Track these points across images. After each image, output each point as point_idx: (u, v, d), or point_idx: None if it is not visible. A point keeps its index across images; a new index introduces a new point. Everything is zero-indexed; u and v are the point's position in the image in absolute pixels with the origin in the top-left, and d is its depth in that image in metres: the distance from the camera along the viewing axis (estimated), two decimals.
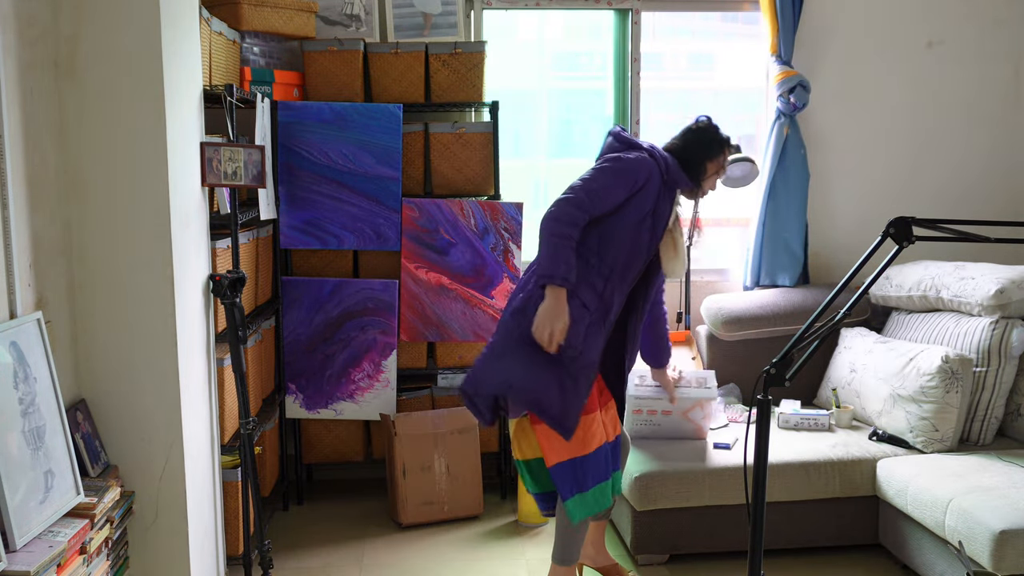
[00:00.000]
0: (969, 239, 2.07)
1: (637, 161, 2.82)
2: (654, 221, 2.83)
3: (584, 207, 2.71)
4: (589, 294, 2.76)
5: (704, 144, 2.96)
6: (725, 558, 3.42)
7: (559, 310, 2.67)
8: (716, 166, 2.98)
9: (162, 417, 2.61)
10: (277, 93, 3.81)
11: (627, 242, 2.79)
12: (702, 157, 2.95)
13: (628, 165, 2.80)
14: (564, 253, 2.67)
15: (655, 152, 2.91)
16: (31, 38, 2.34)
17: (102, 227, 2.54)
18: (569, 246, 2.68)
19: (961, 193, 4.51)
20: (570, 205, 2.71)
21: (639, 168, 2.81)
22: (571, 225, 2.68)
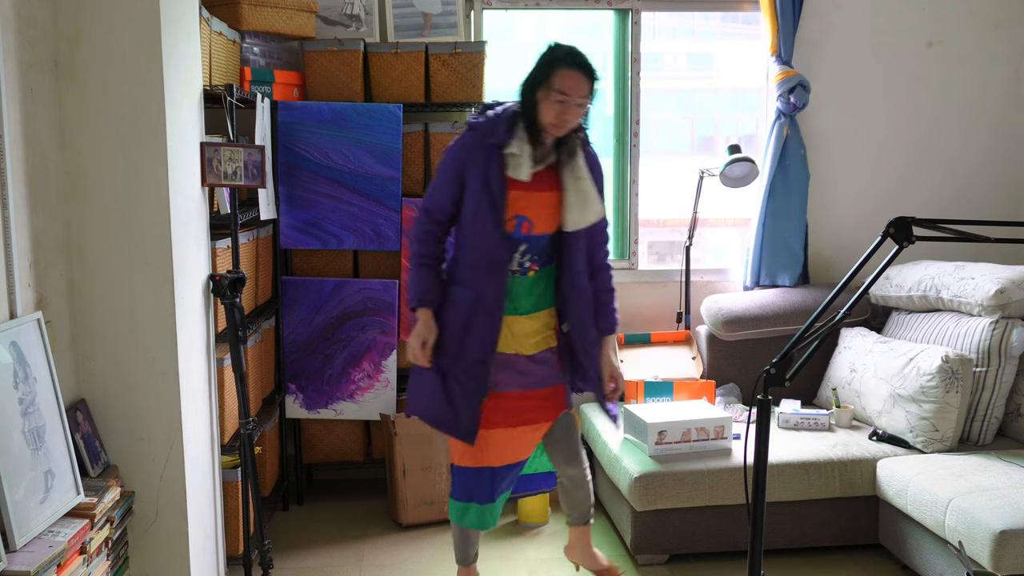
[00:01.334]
0: (969, 239, 2.07)
1: (452, 147, 2.72)
2: (490, 195, 2.63)
3: (424, 220, 2.74)
4: (461, 291, 2.73)
5: (531, 75, 2.65)
6: (725, 558, 3.42)
7: (420, 330, 2.72)
8: (547, 93, 2.60)
9: (162, 417, 2.61)
10: (277, 93, 3.81)
11: (476, 229, 2.67)
12: (530, 89, 2.64)
13: (445, 157, 2.72)
14: (416, 274, 2.73)
15: (488, 115, 2.71)
16: (31, 38, 2.34)
17: (102, 227, 2.54)
18: (421, 264, 2.72)
19: (961, 193, 4.51)
20: (417, 223, 2.76)
21: (450, 154, 2.71)
22: (419, 243, 2.73)
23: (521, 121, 2.66)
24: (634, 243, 4.44)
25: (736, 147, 4.15)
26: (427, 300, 2.71)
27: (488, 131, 2.65)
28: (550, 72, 2.59)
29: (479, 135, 2.66)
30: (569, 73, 2.58)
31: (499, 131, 2.64)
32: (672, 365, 4.09)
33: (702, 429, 3.43)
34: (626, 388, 3.93)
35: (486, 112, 2.73)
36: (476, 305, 2.70)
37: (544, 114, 2.61)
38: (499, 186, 2.63)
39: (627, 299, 4.41)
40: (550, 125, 2.62)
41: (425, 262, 2.73)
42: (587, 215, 2.73)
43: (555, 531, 3.74)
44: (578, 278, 2.77)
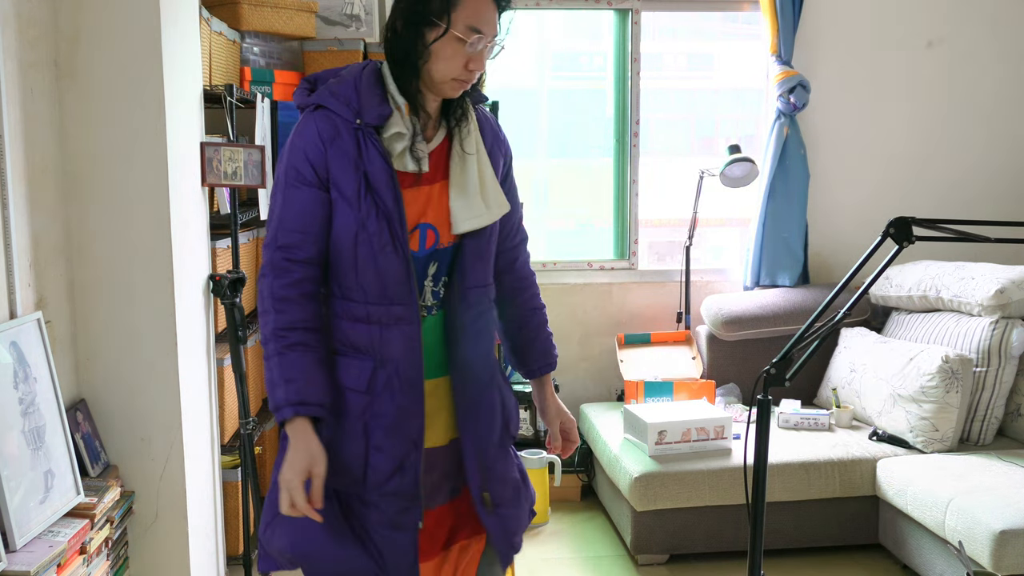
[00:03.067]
0: (969, 239, 2.07)
1: (292, 145, 1.77)
2: (377, 201, 1.72)
3: (279, 269, 1.73)
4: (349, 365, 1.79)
5: (414, 6, 1.72)
6: (725, 558, 3.42)
7: (300, 459, 1.69)
8: (443, 31, 1.70)
9: (162, 417, 2.61)
10: (277, 93, 3.81)
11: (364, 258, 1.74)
12: (412, 29, 1.73)
13: (284, 161, 1.77)
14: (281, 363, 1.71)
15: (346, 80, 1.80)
16: (31, 38, 2.34)
17: (102, 227, 2.53)
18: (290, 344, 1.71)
19: (961, 193, 4.51)
20: (265, 279, 1.74)
21: (292, 155, 1.76)
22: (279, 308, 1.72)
23: (393, 83, 1.77)
24: (634, 243, 4.44)
25: (736, 147, 4.15)
26: (311, 403, 1.71)
27: (346, 106, 1.75)
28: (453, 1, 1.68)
29: (331, 116, 1.75)
30: (482, 3, 1.73)
31: (367, 104, 1.75)
32: (672, 365, 4.09)
33: (702, 429, 3.43)
34: (626, 388, 3.94)
35: (324, 82, 1.83)
36: (380, 382, 1.76)
37: (442, 65, 1.72)
38: (388, 184, 1.73)
39: (627, 299, 4.42)
40: (452, 82, 1.74)
41: (295, 339, 1.71)
42: (486, 208, 1.82)
43: (555, 531, 3.74)
44: (478, 298, 1.86)
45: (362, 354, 1.77)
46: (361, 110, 1.75)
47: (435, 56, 1.72)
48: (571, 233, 4.60)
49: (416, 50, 1.73)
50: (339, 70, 1.85)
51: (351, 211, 1.73)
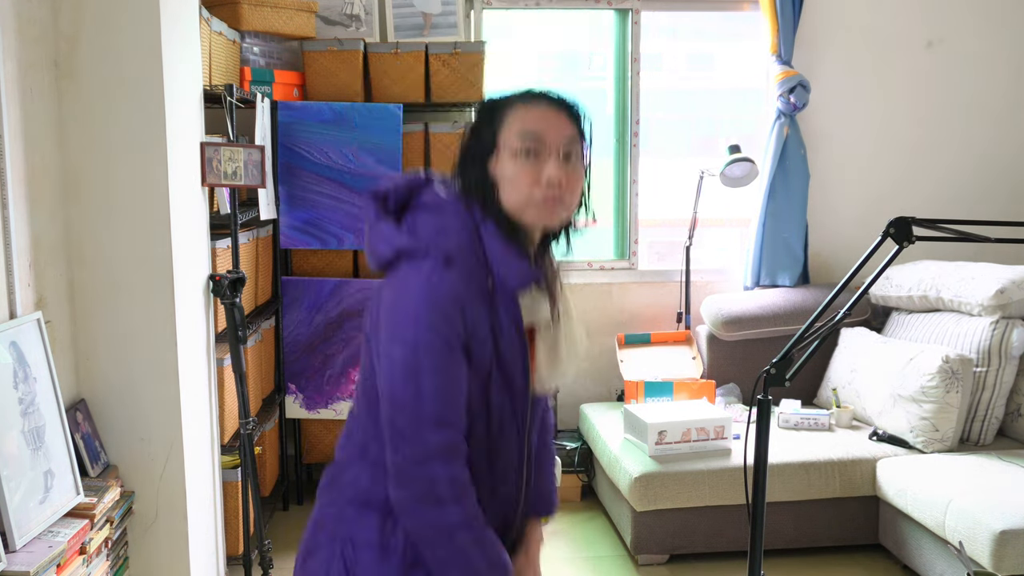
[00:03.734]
0: (969, 239, 2.07)
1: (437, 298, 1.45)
2: (502, 368, 1.53)
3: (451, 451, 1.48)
4: None
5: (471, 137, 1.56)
6: (725, 558, 3.42)
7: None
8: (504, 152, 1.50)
9: (162, 417, 2.61)
10: (277, 93, 3.81)
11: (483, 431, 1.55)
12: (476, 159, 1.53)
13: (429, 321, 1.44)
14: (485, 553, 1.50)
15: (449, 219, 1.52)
16: (31, 38, 2.34)
17: (102, 227, 2.53)
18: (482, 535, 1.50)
19: (961, 193, 4.51)
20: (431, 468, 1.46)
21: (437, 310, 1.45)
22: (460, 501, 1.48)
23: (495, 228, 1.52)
24: (634, 243, 4.44)
25: (736, 147, 4.15)
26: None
27: (482, 264, 1.51)
28: (501, 118, 1.52)
29: (467, 274, 1.49)
30: (525, 107, 1.52)
31: (501, 258, 1.51)
32: (672, 365, 4.09)
33: (702, 429, 3.43)
34: (626, 388, 3.94)
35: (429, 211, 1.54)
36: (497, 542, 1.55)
37: (509, 188, 1.50)
38: (520, 355, 1.55)
39: (627, 299, 4.42)
40: (530, 207, 1.51)
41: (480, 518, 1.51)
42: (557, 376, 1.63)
43: (555, 531, 3.74)
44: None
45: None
46: (492, 263, 1.50)
47: (501, 180, 1.51)
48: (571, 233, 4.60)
49: (486, 184, 1.52)
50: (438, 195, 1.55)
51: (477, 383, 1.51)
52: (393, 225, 1.54)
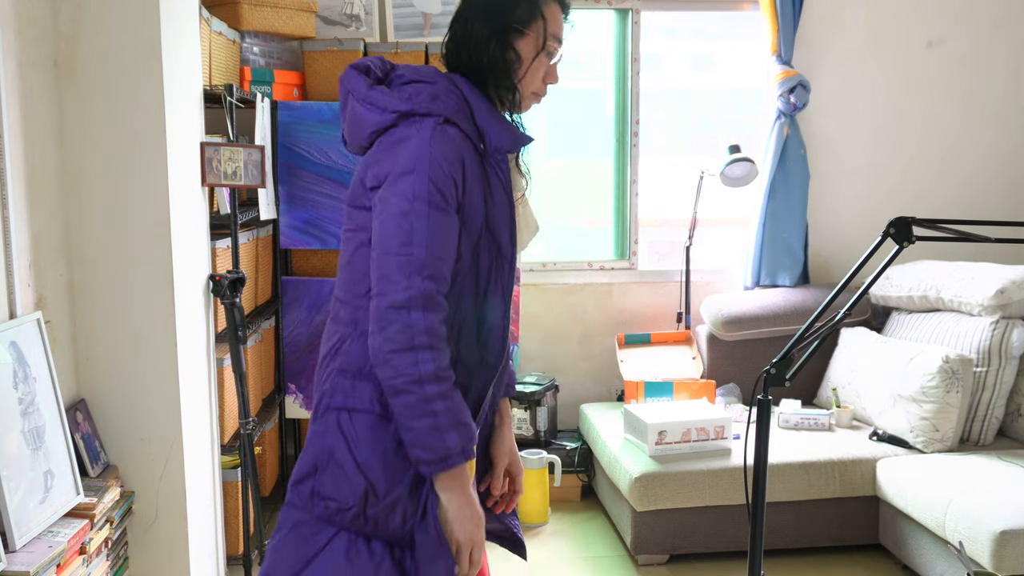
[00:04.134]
0: (969, 239, 2.07)
1: (434, 158, 1.55)
2: (492, 231, 1.64)
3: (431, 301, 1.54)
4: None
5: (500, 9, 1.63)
6: (725, 558, 3.42)
7: (473, 504, 1.61)
8: (536, 40, 1.64)
9: (162, 417, 2.61)
10: (277, 93, 3.81)
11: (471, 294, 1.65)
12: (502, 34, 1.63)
13: (430, 179, 1.54)
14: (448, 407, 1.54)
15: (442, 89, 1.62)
16: (31, 38, 2.34)
17: (102, 227, 2.54)
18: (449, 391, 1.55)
19: (961, 193, 4.51)
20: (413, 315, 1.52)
21: (439, 169, 1.55)
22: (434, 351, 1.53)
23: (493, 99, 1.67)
24: (634, 243, 4.44)
25: (736, 147, 4.15)
26: (471, 447, 1.58)
27: (476, 130, 1.63)
28: (540, 7, 1.63)
29: (462, 136, 1.60)
30: (559, 12, 1.68)
31: (491, 126, 1.63)
32: (672, 365, 4.09)
33: (702, 429, 3.43)
34: (626, 388, 3.94)
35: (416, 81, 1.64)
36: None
37: (530, 79, 1.66)
38: (508, 221, 1.67)
39: (627, 299, 4.42)
40: (532, 96, 1.70)
41: (452, 375, 1.57)
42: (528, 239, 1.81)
43: (555, 531, 3.74)
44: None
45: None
46: (482, 130, 1.62)
47: (527, 69, 1.65)
48: (571, 233, 4.60)
49: (507, 61, 1.63)
50: (418, 69, 1.66)
51: (468, 243, 1.60)
52: (390, 91, 1.62)
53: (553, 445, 4.04)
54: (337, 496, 1.61)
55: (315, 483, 1.64)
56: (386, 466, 1.59)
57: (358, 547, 1.60)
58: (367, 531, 1.61)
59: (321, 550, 1.62)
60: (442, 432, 1.53)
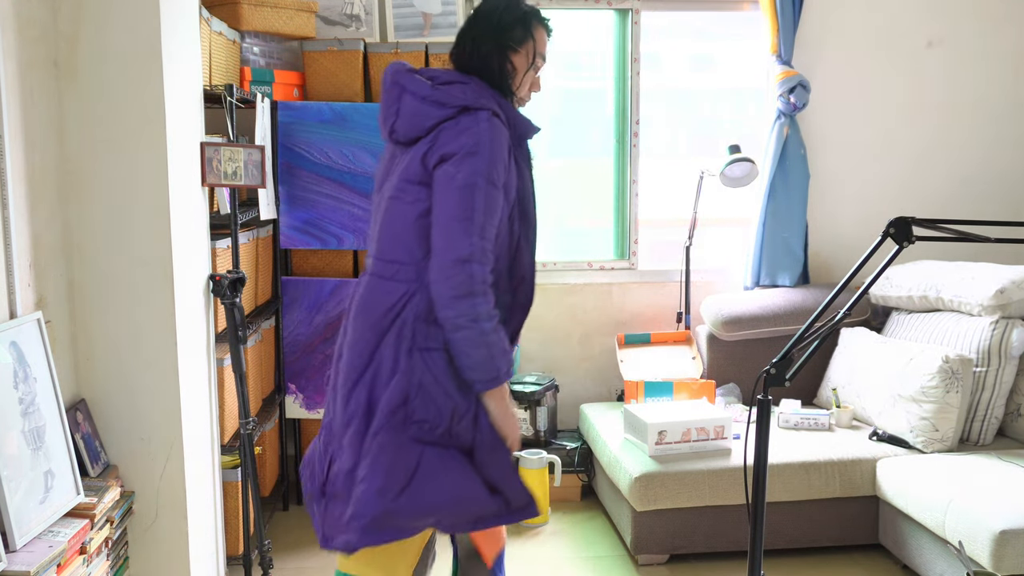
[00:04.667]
0: (969, 239, 2.07)
1: (495, 138, 2.01)
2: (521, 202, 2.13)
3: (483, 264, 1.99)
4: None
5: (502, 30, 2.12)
6: (725, 558, 3.42)
7: (511, 406, 2.12)
8: (527, 57, 2.12)
9: (162, 417, 2.61)
10: (277, 93, 3.81)
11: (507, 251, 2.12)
12: (502, 49, 2.12)
13: (490, 161, 2.00)
14: (499, 340, 2.02)
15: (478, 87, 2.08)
16: (31, 38, 2.34)
17: (102, 227, 2.54)
18: (497, 327, 2.02)
19: (961, 193, 4.51)
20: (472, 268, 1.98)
21: (500, 149, 2.02)
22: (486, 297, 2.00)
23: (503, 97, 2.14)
24: (634, 243, 4.44)
25: (736, 147, 4.15)
26: (510, 370, 2.09)
27: (508, 119, 2.08)
28: (531, 31, 2.12)
29: (503, 123, 2.05)
30: (545, 32, 2.17)
31: (517, 118, 2.12)
32: (672, 365, 4.09)
33: (702, 429, 3.43)
34: (626, 388, 3.94)
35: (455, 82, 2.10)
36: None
37: (522, 86, 2.15)
38: (532, 193, 2.17)
39: (627, 299, 4.42)
40: (522, 102, 2.19)
41: (498, 314, 2.04)
42: None
43: (555, 531, 3.74)
44: None
45: None
46: (511, 120, 2.07)
47: (517, 78, 2.14)
48: (571, 233, 4.60)
49: (505, 71, 2.12)
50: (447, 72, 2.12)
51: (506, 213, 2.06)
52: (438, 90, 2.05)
53: (553, 445, 4.04)
54: (430, 418, 2.01)
55: (408, 411, 2.02)
56: (461, 390, 2.04)
57: (444, 457, 2.02)
58: (450, 443, 2.04)
59: (418, 464, 2.00)
60: (494, 359, 2.01)
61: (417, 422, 2.01)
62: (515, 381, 4.11)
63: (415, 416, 2.01)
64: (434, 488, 2.00)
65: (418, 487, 1.99)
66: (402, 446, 2.00)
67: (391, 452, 1.99)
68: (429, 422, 2.01)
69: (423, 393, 2.01)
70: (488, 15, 2.14)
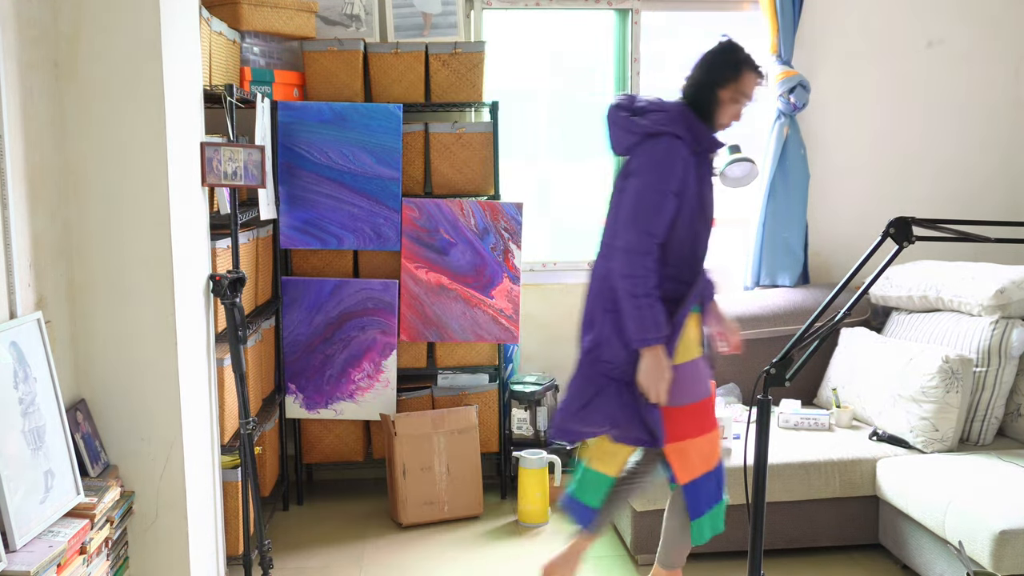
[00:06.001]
0: (969, 239, 2.07)
1: (667, 157, 2.62)
2: (701, 203, 2.67)
3: (648, 250, 2.61)
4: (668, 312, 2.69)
5: (713, 70, 2.68)
6: (725, 558, 3.42)
7: (661, 368, 2.62)
8: (732, 93, 2.68)
9: (162, 417, 2.61)
10: (277, 93, 3.81)
11: (688, 241, 2.68)
12: (712, 86, 2.67)
13: (660, 171, 2.62)
14: (650, 312, 2.59)
15: (674, 115, 2.68)
16: (31, 38, 2.34)
17: (102, 227, 2.54)
18: (651, 303, 2.60)
19: (961, 193, 4.51)
20: (635, 255, 2.61)
21: (669, 167, 2.62)
22: (645, 276, 2.60)
23: (701, 121, 2.69)
24: None
25: (736, 147, 4.15)
26: (664, 334, 2.62)
27: (694, 139, 2.64)
28: (739, 73, 2.66)
29: (687, 144, 2.64)
30: (753, 76, 2.68)
31: (702, 134, 2.66)
32: None
33: None
34: None
35: (651, 112, 2.69)
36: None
37: (724, 115, 2.69)
38: (711, 191, 2.71)
39: None
40: (722, 126, 2.72)
41: (656, 293, 2.61)
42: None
43: (555, 531, 3.74)
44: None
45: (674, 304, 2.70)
46: (699, 138, 2.65)
47: (720, 108, 2.68)
48: (571, 233, 4.60)
49: (712, 101, 2.67)
50: (658, 102, 2.72)
51: (688, 210, 2.63)
52: (639, 119, 2.68)
53: (553, 445, 4.04)
54: (613, 360, 2.69)
55: (599, 353, 2.72)
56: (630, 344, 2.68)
57: (620, 387, 2.70)
58: (624, 378, 2.69)
59: (601, 390, 2.71)
60: (645, 326, 2.59)
61: (603, 362, 2.71)
62: (515, 381, 4.11)
63: (602, 357, 2.71)
64: (602, 412, 2.71)
65: (591, 409, 2.71)
66: (590, 378, 2.73)
67: (581, 381, 2.75)
68: (611, 363, 2.70)
69: (608, 342, 2.69)
70: (709, 55, 2.69)
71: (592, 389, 2.73)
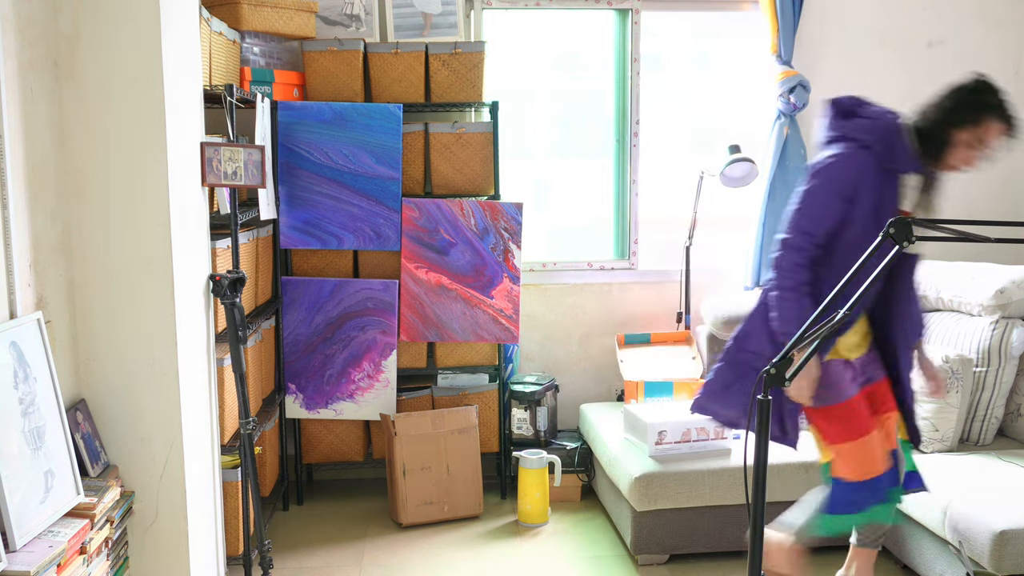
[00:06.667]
0: (969, 239, 2.07)
1: (841, 165, 2.56)
2: (877, 216, 2.54)
3: (805, 248, 2.58)
4: None
5: (952, 108, 2.49)
6: (725, 558, 3.42)
7: (811, 369, 2.59)
8: (970, 137, 2.47)
9: (162, 417, 2.61)
10: (277, 93, 3.81)
11: (857, 251, 2.54)
12: (946, 124, 2.49)
13: (833, 175, 2.56)
14: (795, 307, 2.56)
15: (879, 126, 2.59)
16: (31, 38, 2.34)
17: (102, 227, 2.54)
18: (797, 298, 2.57)
19: (960, 193, 4.50)
20: (789, 250, 2.59)
21: (844, 173, 2.55)
22: (798, 271, 2.57)
23: (921, 151, 2.55)
24: (634, 243, 4.44)
25: (736, 147, 4.15)
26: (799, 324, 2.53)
27: (885, 154, 2.55)
28: (980, 118, 2.46)
29: (875, 157, 2.55)
30: (999, 126, 2.47)
31: (900, 158, 2.55)
32: (672, 365, 4.09)
33: (702, 429, 3.43)
34: (626, 388, 3.94)
35: (858, 118, 2.62)
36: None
37: (954, 156, 2.51)
38: (894, 208, 2.59)
39: (627, 299, 4.42)
40: (951, 168, 2.55)
41: (807, 291, 2.58)
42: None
43: (555, 531, 3.74)
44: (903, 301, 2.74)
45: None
46: (894, 156, 2.56)
47: (952, 149, 2.51)
48: (571, 233, 4.61)
49: (944, 140, 2.51)
50: (871, 107, 2.65)
51: (861, 221, 2.55)
52: (842, 120, 2.64)
53: (553, 445, 4.04)
54: (758, 350, 2.70)
55: (746, 343, 2.75)
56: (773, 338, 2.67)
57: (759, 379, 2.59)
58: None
59: (741, 378, 2.74)
60: (788, 318, 2.56)
61: (748, 351, 2.75)
62: (515, 381, 4.11)
63: (747, 347, 2.75)
64: (737, 399, 2.76)
65: (732, 392, 2.76)
66: (733, 365, 2.77)
67: (725, 366, 2.78)
68: (755, 353, 2.72)
69: (755, 332, 2.73)
70: (955, 90, 2.54)
71: (733, 375, 2.77)
